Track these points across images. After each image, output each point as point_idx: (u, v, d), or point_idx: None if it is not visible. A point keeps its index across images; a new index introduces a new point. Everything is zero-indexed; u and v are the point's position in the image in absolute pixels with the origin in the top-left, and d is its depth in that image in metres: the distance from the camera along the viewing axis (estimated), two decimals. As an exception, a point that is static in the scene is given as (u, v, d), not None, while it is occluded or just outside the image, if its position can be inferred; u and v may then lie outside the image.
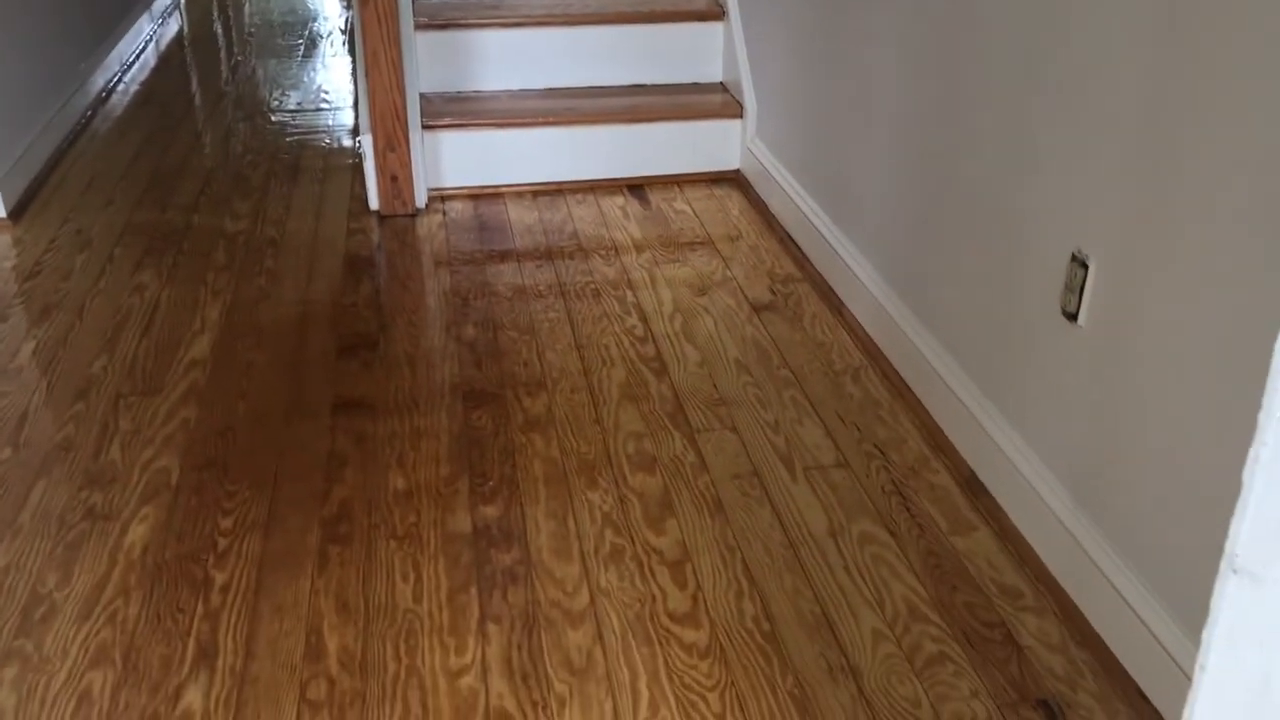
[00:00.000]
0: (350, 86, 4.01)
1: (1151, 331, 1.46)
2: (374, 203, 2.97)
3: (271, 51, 4.43)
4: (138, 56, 4.30)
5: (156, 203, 3.03)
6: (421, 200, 3.00)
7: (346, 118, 3.71)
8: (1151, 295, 1.46)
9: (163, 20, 4.77)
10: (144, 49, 4.39)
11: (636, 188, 3.13)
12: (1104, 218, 1.54)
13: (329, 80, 4.09)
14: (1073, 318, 1.62)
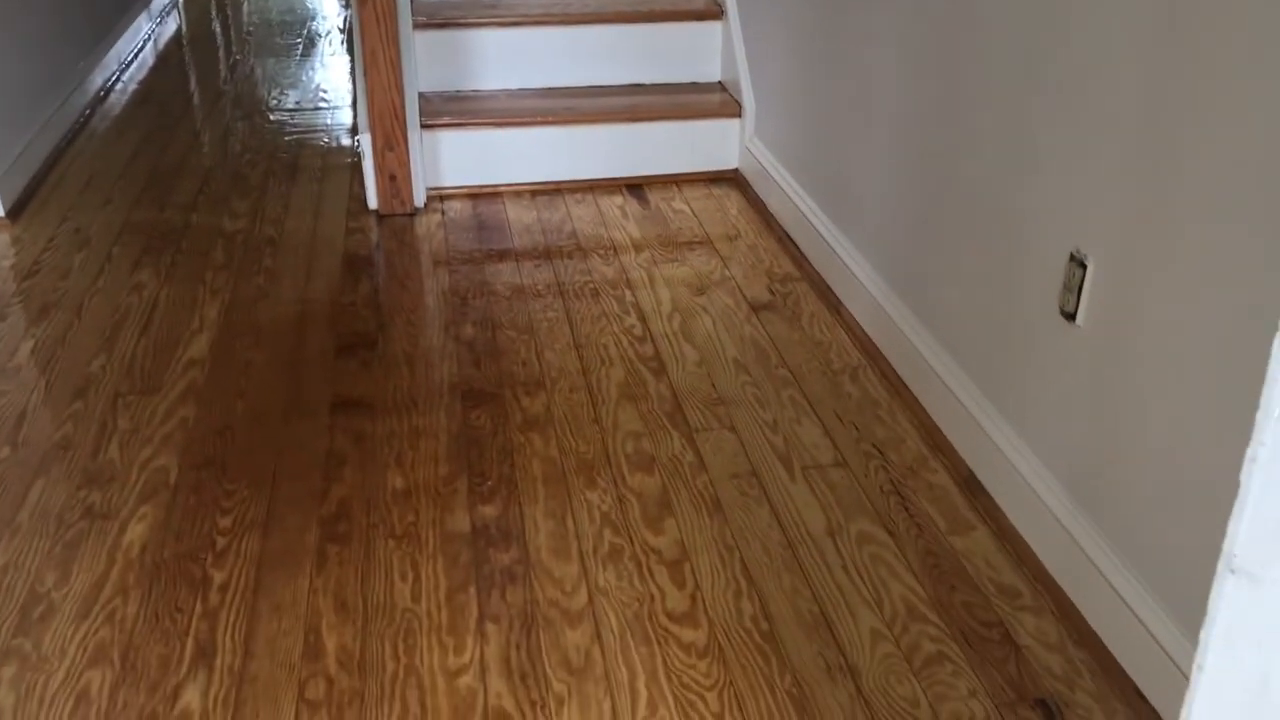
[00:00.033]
0: (349, 85, 4.01)
1: (1150, 331, 1.46)
2: (372, 202, 2.97)
3: (270, 50, 4.43)
4: (136, 55, 4.29)
5: (155, 202, 3.03)
6: (420, 199, 3.00)
7: (345, 117, 3.71)
8: (1150, 295, 1.46)
9: (161, 19, 4.76)
10: (142, 48, 4.38)
11: (635, 187, 3.13)
12: (1103, 217, 1.54)
13: (327, 79, 4.09)
14: (1071, 317, 1.62)
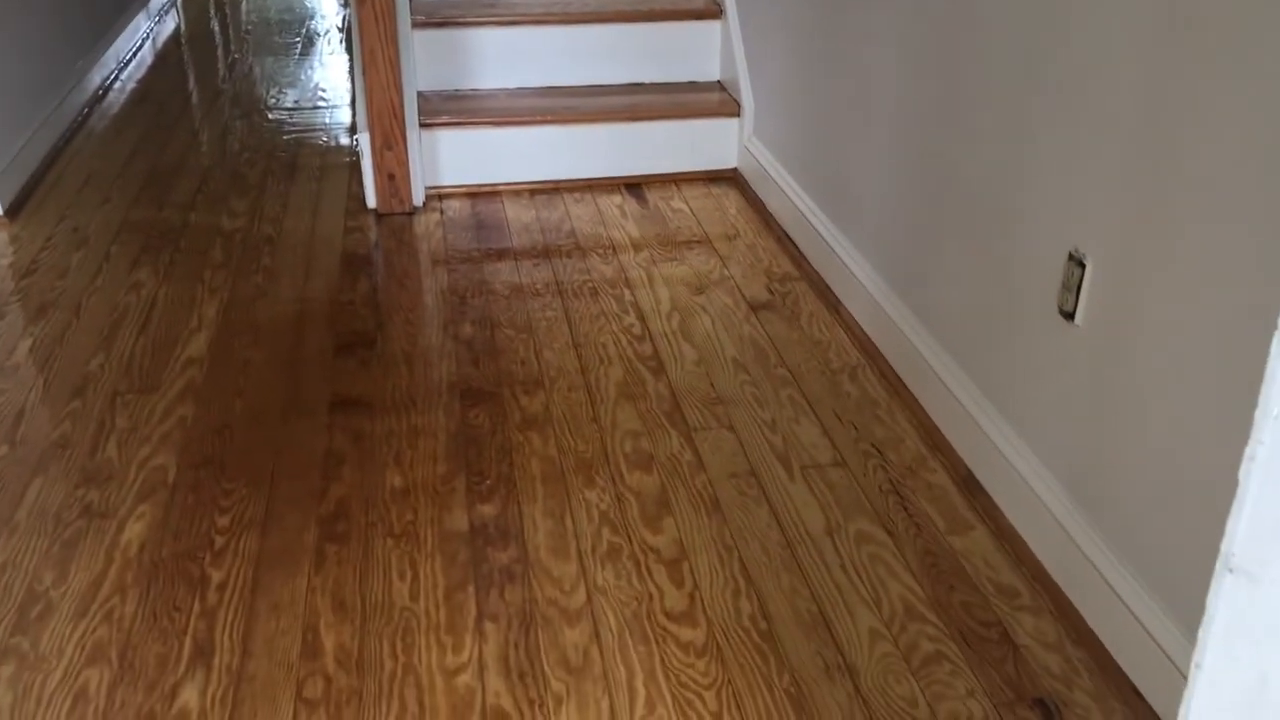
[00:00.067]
0: (347, 84, 4.01)
1: (1148, 331, 1.46)
2: (371, 201, 2.97)
3: (269, 49, 4.43)
4: (134, 54, 4.29)
5: (153, 201, 3.03)
6: (419, 198, 3.00)
7: (344, 116, 3.70)
8: (1149, 294, 1.46)
9: (160, 18, 4.76)
10: (141, 47, 4.38)
11: (634, 186, 3.13)
12: (1102, 217, 1.54)
13: (326, 78, 4.09)
14: (1070, 317, 1.62)
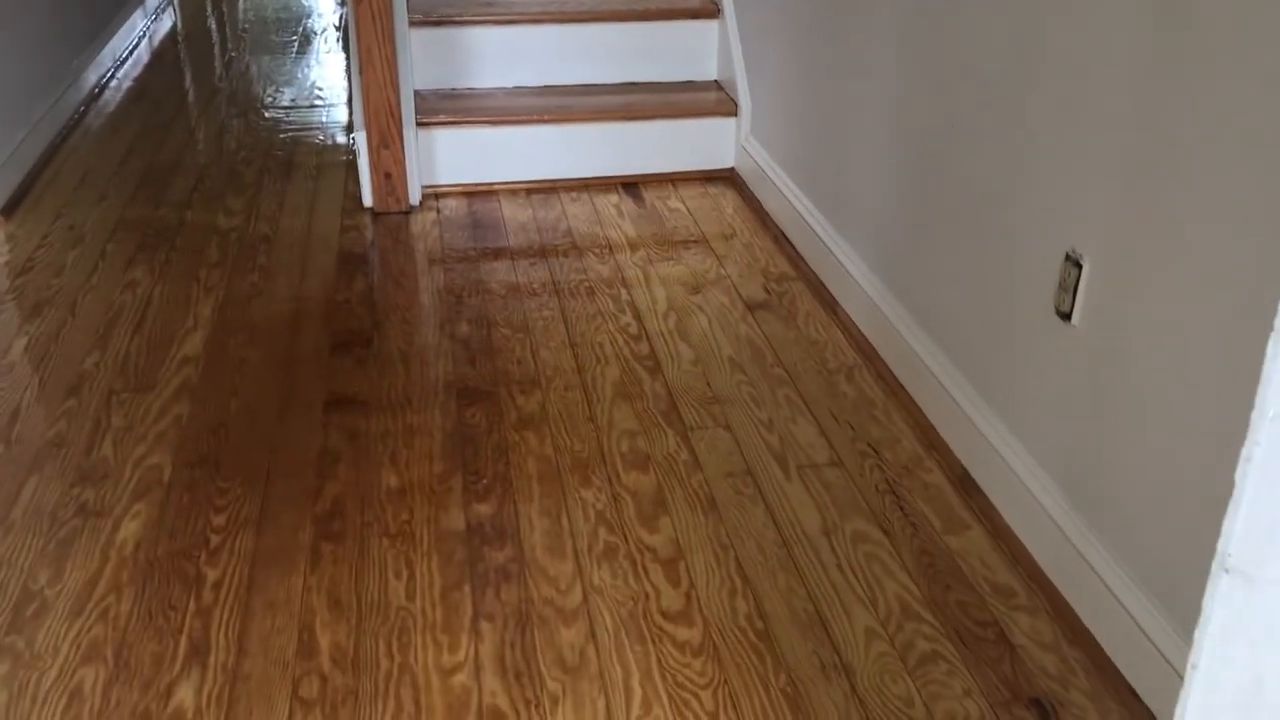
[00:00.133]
0: (344, 83, 4.00)
1: (1145, 331, 1.46)
2: (368, 200, 2.97)
3: (265, 48, 4.42)
4: (131, 52, 4.29)
5: (149, 199, 3.03)
6: (415, 197, 3.00)
7: (340, 114, 3.70)
8: (1145, 295, 1.46)
9: (156, 16, 4.75)
10: (137, 45, 4.38)
11: (631, 186, 3.13)
12: (1098, 217, 1.55)
13: (323, 77, 4.09)
14: (1067, 317, 1.62)
